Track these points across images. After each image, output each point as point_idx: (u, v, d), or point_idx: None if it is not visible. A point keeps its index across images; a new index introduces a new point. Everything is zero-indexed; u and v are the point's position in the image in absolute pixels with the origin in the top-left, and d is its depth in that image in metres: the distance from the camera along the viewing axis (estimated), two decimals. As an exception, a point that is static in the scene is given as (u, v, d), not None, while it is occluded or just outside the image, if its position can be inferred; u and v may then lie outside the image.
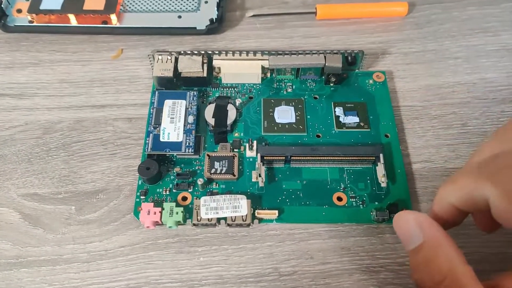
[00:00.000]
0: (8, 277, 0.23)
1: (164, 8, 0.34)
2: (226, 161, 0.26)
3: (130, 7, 0.34)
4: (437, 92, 0.30)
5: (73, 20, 0.33)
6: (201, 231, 0.25)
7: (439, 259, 0.18)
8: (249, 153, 0.27)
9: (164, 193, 0.25)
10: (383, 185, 0.25)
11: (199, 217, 0.24)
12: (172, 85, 0.29)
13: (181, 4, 0.34)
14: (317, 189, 0.25)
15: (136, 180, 0.26)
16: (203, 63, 0.28)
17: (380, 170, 0.25)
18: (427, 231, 0.18)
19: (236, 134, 0.28)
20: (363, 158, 0.26)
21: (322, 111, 0.29)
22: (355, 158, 0.26)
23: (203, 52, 0.29)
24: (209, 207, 0.24)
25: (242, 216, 0.24)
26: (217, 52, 0.29)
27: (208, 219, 0.24)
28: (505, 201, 0.16)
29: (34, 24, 0.33)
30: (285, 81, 0.30)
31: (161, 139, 0.26)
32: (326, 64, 0.28)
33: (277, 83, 0.30)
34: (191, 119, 0.27)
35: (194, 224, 0.24)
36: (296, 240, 0.24)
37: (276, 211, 0.24)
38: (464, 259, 0.18)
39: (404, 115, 0.29)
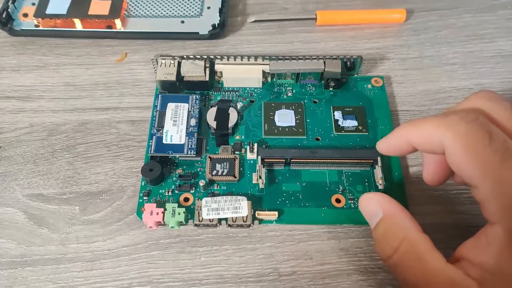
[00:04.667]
0: (13, 275, 0.24)
1: (167, 13, 0.34)
2: (227, 163, 0.26)
3: (134, 12, 0.34)
4: (434, 97, 0.31)
5: (78, 25, 0.33)
6: (203, 231, 0.25)
7: (395, 228, 0.20)
8: (250, 156, 0.27)
9: (166, 194, 0.26)
10: (381, 187, 0.26)
11: (200, 218, 0.24)
12: (175, 88, 0.29)
13: (184, 10, 0.34)
14: (316, 191, 0.26)
15: (139, 181, 0.27)
16: (205, 67, 0.29)
17: (378, 172, 0.26)
18: (385, 206, 0.21)
19: (237, 137, 0.28)
20: (361, 161, 0.26)
21: (322, 115, 0.29)
22: (353, 161, 0.26)
23: (205, 56, 0.29)
24: (211, 208, 0.24)
25: (243, 217, 0.24)
26: (219, 57, 0.29)
27: (210, 219, 0.24)
28: (459, 145, 0.18)
29: (40, 28, 0.33)
30: (285, 85, 0.31)
31: (164, 142, 0.27)
32: (325, 69, 0.29)
33: (278, 87, 0.30)
34: (193, 122, 0.28)
35: (195, 225, 0.24)
36: (296, 241, 0.25)
37: (276, 212, 0.25)
38: (420, 228, 0.19)
39: (401, 120, 0.30)
